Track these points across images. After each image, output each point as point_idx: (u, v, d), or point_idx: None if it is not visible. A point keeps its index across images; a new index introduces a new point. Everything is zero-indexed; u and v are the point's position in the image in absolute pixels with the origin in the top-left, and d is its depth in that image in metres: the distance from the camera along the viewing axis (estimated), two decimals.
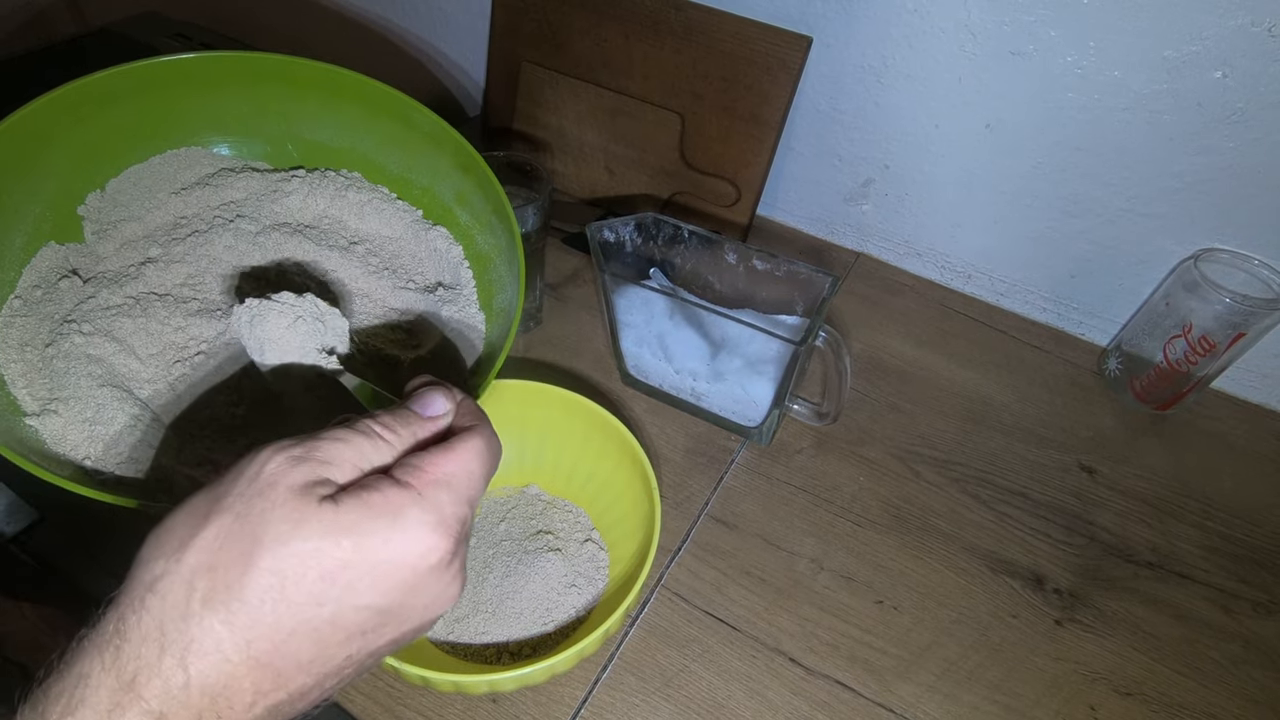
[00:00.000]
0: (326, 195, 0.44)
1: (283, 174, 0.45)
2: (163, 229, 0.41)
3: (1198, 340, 0.56)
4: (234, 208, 0.43)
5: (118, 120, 0.40)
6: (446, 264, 0.45)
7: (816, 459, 0.56)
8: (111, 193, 0.41)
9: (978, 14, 0.56)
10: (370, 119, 0.44)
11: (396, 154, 0.46)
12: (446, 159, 0.44)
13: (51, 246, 0.39)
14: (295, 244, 0.42)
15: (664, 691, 0.43)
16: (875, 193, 0.70)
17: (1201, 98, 0.52)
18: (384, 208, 0.45)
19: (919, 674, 0.45)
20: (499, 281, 0.44)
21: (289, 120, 0.45)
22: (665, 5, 0.65)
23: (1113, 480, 0.56)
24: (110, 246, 0.40)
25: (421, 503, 0.23)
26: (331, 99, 0.43)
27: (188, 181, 0.43)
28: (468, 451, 0.25)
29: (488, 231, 0.45)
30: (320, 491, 0.22)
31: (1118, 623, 0.48)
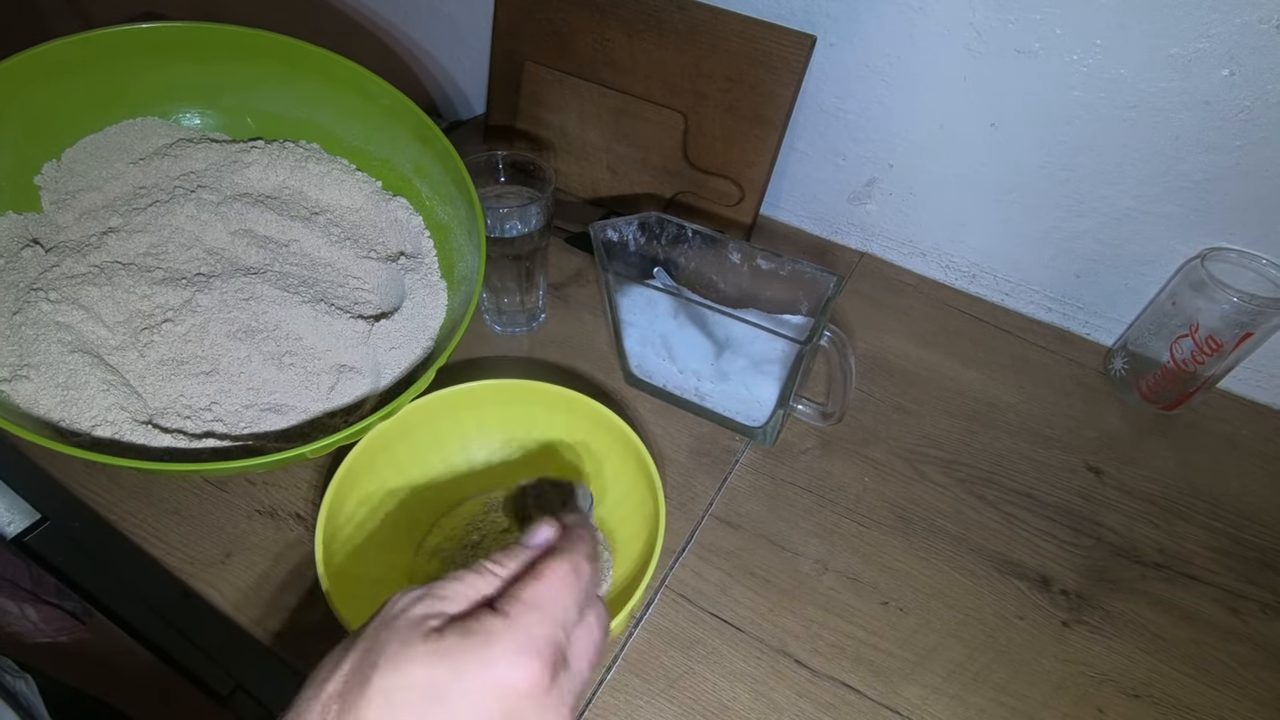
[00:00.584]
0: (286, 166, 0.44)
1: (241, 145, 0.45)
2: (122, 199, 0.42)
3: (1205, 340, 0.56)
4: (194, 178, 0.43)
5: (72, 90, 0.40)
6: (407, 233, 0.46)
7: (821, 459, 0.55)
8: (68, 162, 0.41)
9: (983, 12, 0.56)
10: (329, 91, 0.44)
11: (355, 126, 0.46)
12: (405, 131, 0.44)
13: (9, 216, 0.39)
14: (257, 214, 0.42)
15: (668, 693, 0.42)
16: (879, 192, 0.70)
17: (1209, 95, 0.52)
18: (344, 178, 0.46)
19: (925, 676, 0.44)
20: (459, 250, 0.44)
21: (246, 92, 0.45)
22: (669, 4, 0.65)
23: (1119, 481, 0.56)
24: (70, 216, 0.40)
25: (511, 627, 0.24)
26: (289, 71, 0.43)
27: (145, 152, 0.43)
28: (552, 574, 0.26)
29: (447, 202, 0.45)
30: (431, 624, 0.24)
31: (1125, 624, 0.48)
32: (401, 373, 0.40)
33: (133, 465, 0.34)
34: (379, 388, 0.41)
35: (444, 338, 0.41)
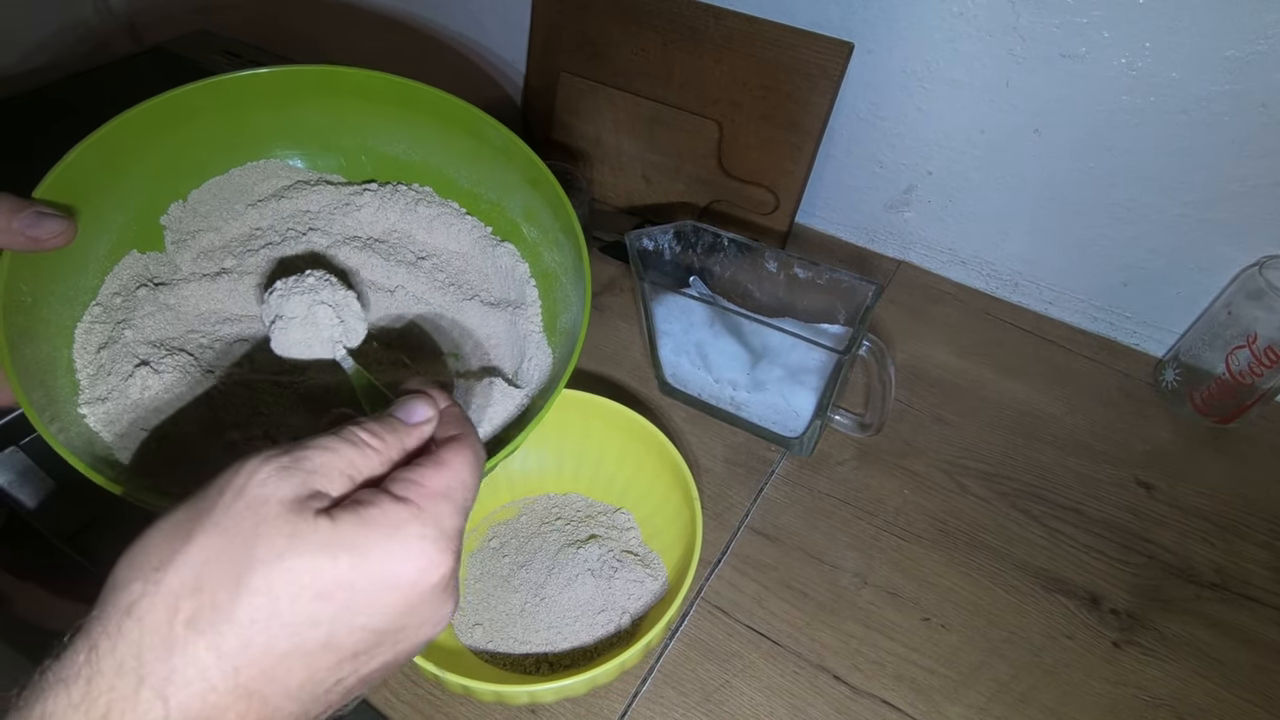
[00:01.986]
0: (397, 209, 0.44)
1: (355, 187, 0.45)
2: (238, 240, 0.42)
3: (1263, 351, 0.53)
4: (308, 219, 0.43)
5: (200, 133, 0.40)
6: (512, 281, 0.45)
7: (859, 471, 0.54)
8: (192, 203, 0.42)
9: (1027, 17, 0.55)
10: (442, 132, 0.44)
11: (467, 168, 0.45)
12: (516, 173, 0.44)
13: (134, 255, 0.40)
14: (364, 258, 0.42)
15: (704, 706, 0.42)
16: (917, 199, 0.69)
17: (1266, 98, 0.50)
18: (453, 222, 0.45)
19: (969, 695, 0.43)
20: (564, 300, 0.43)
21: (363, 133, 0.45)
22: (704, 14, 0.65)
23: (1172, 497, 0.54)
24: (188, 256, 0.41)
25: (421, 517, 0.22)
26: (406, 112, 0.44)
27: (264, 194, 0.43)
28: (460, 463, 0.24)
29: (554, 248, 0.44)
30: (314, 505, 0.21)
31: (1180, 646, 0.46)
32: (495, 429, 0.39)
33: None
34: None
35: (540, 395, 0.40)
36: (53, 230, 0.32)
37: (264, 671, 0.20)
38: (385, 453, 0.24)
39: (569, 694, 0.36)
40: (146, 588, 0.19)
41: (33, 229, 0.31)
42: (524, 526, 0.47)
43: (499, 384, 0.40)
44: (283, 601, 0.20)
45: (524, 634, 0.41)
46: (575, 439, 0.48)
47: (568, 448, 0.49)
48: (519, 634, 0.41)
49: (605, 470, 0.48)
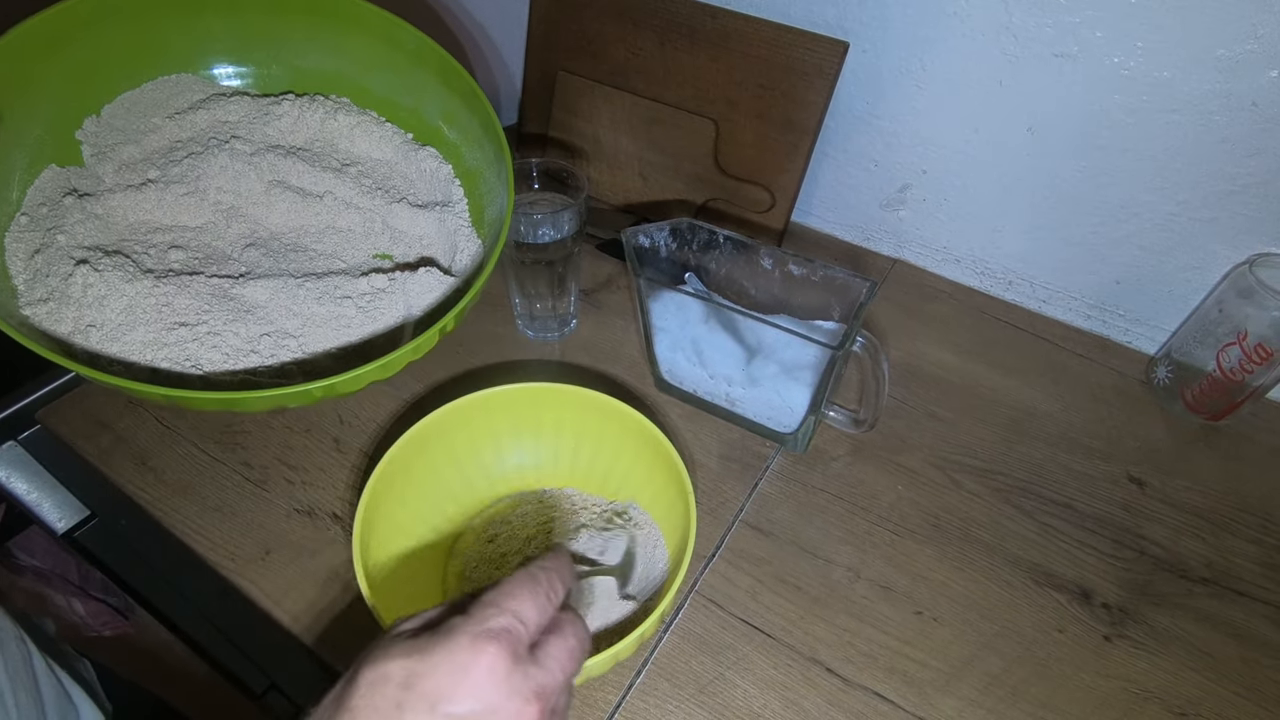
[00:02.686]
0: (317, 118, 0.45)
1: (272, 98, 0.46)
2: (159, 151, 0.43)
3: (1253, 348, 0.54)
4: (228, 129, 0.44)
5: (108, 44, 0.41)
6: (437, 182, 0.47)
7: (853, 467, 0.55)
8: (107, 117, 0.42)
9: (1020, 16, 0.55)
10: (355, 40, 0.45)
11: (382, 76, 0.46)
12: (431, 76, 0.45)
13: (53, 169, 0.40)
14: (289, 165, 0.43)
15: (698, 698, 0.42)
16: (912, 198, 0.69)
17: (1257, 97, 0.51)
18: (373, 130, 0.46)
19: (960, 688, 0.43)
20: (489, 194, 0.45)
21: (276, 45, 0.45)
22: (701, 13, 0.66)
23: (1163, 493, 0.55)
24: (109, 168, 0.42)
25: (469, 619, 0.27)
26: (316, 20, 0.44)
27: (181, 106, 0.44)
28: (510, 580, 0.29)
29: (475, 146, 0.46)
30: (408, 628, 0.28)
31: (1171, 640, 0.46)
32: (427, 308, 0.42)
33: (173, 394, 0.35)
34: (412, 316, 0.43)
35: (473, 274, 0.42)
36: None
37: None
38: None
39: None
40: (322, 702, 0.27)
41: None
42: (521, 518, 0.47)
43: (434, 271, 0.43)
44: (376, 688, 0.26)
45: None
46: (571, 434, 0.48)
47: (563, 443, 0.49)
48: None
49: (601, 465, 0.49)
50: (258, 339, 0.43)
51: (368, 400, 0.55)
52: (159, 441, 0.53)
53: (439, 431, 0.44)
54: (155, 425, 0.53)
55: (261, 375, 0.43)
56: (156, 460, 0.51)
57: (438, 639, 0.26)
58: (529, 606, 0.28)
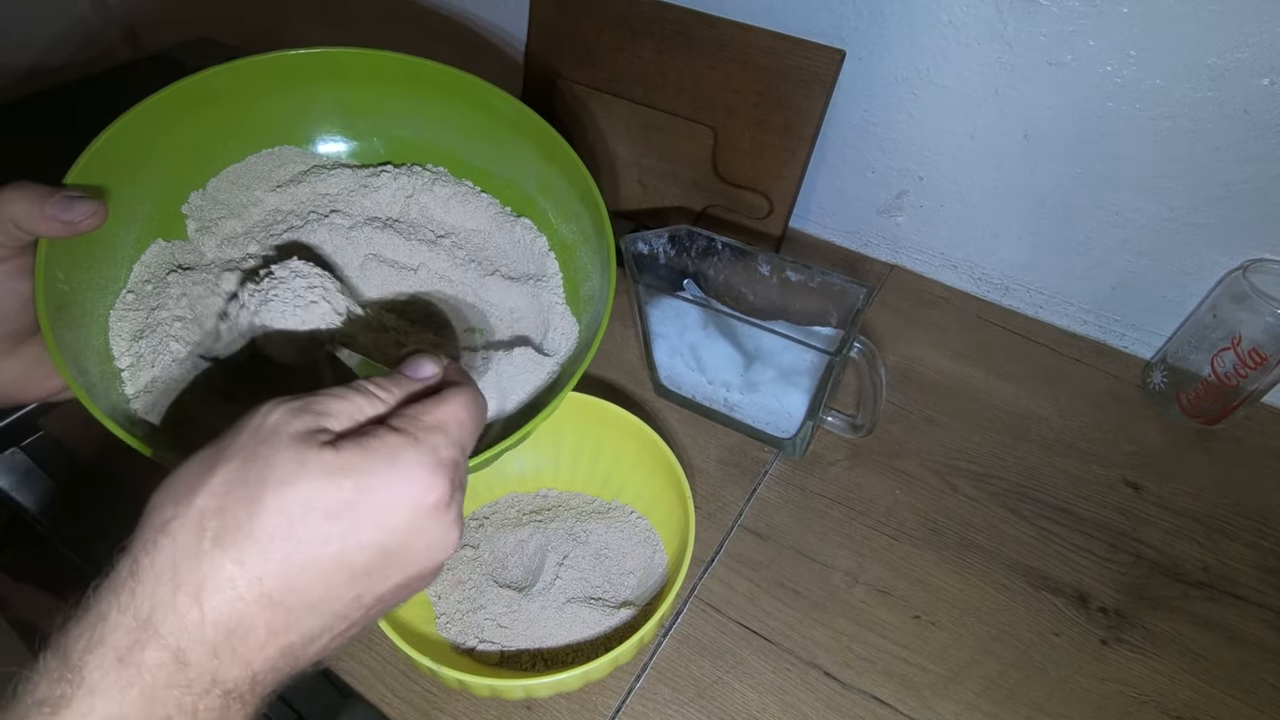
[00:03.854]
0: (414, 189, 0.45)
1: (371, 170, 0.45)
2: (261, 225, 0.43)
3: (1247, 353, 0.54)
4: (328, 202, 0.44)
5: (215, 120, 0.41)
6: (532, 254, 0.45)
7: (851, 471, 0.55)
8: (212, 191, 0.42)
9: (1014, 25, 0.56)
10: (452, 109, 0.45)
11: (480, 145, 0.46)
12: (530, 146, 0.44)
13: (159, 243, 0.40)
14: (385, 238, 0.43)
15: (697, 703, 0.42)
16: (909, 204, 0.70)
17: (1248, 105, 0.51)
18: (469, 200, 0.46)
19: (958, 692, 0.44)
20: (584, 270, 0.44)
21: (375, 115, 0.45)
22: (698, 21, 0.66)
23: (1160, 497, 0.55)
24: (212, 242, 0.42)
25: (417, 445, 0.24)
26: (415, 90, 0.44)
27: (282, 179, 0.44)
28: (456, 401, 0.26)
29: (571, 220, 0.45)
30: (321, 438, 0.23)
31: (1167, 643, 0.47)
32: (529, 396, 0.40)
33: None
34: (505, 411, 0.40)
35: (570, 362, 0.41)
36: (85, 211, 0.33)
37: (284, 583, 0.22)
38: (389, 400, 0.26)
39: (564, 689, 0.37)
40: (178, 510, 0.22)
41: (65, 213, 0.32)
42: (517, 524, 0.47)
43: (529, 352, 0.41)
44: (295, 520, 0.22)
45: (520, 630, 0.42)
46: (571, 439, 0.49)
47: (564, 448, 0.49)
48: (515, 629, 0.42)
49: (600, 470, 0.49)
50: None
51: None
52: None
53: None
54: None
55: None
56: (160, 468, 0.52)
57: (374, 460, 0.23)
58: (471, 435, 0.26)
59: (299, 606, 0.22)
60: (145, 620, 0.21)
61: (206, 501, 0.22)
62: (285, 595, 0.22)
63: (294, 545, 0.22)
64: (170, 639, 0.21)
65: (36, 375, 0.36)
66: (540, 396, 0.40)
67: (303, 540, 0.22)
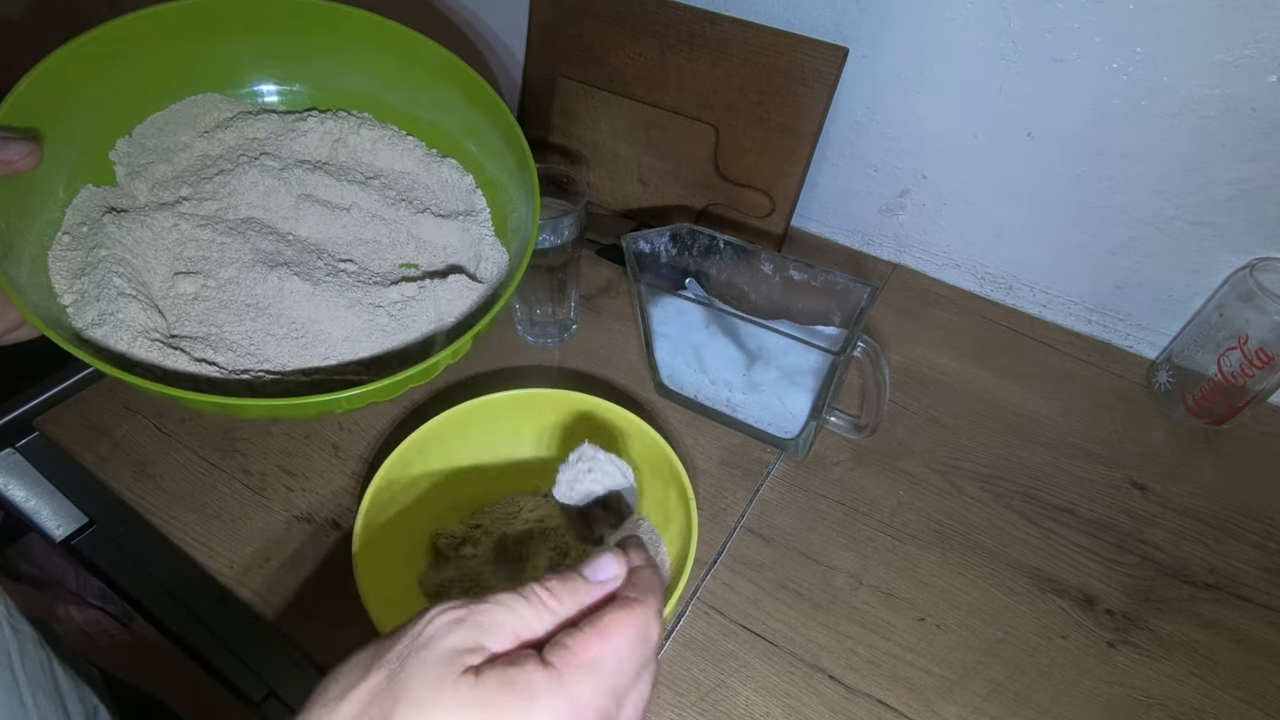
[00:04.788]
0: (340, 133, 0.47)
1: (297, 115, 0.47)
2: (191, 169, 0.44)
3: (1254, 353, 0.54)
4: (256, 145, 0.45)
5: (136, 68, 0.42)
6: (459, 192, 0.48)
7: (854, 472, 0.55)
8: (138, 137, 0.44)
9: (1019, 22, 0.55)
10: (378, 56, 0.46)
11: (404, 91, 0.48)
12: (453, 90, 0.46)
13: (89, 189, 0.42)
14: (316, 179, 0.45)
15: (699, 706, 0.42)
16: (912, 203, 0.69)
17: (1256, 102, 0.51)
18: (395, 143, 0.48)
19: (963, 695, 0.43)
20: (511, 203, 0.46)
21: (299, 62, 0.47)
22: (700, 19, 0.66)
23: (1166, 498, 0.54)
24: (143, 186, 0.43)
25: (560, 690, 0.22)
26: (339, 39, 0.45)
27: (209, 125, 0.45)
28: (621, 635, 0.24)
29: (496, 157, 0.47)
30: (468, 660, 0.22)
31: (1174, 646, 0.46)
32: (460, 317, 0.43)
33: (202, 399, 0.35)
34: (443, 328, 0.43)
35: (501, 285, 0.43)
36: (20, 151, 0.33)
37: None
38: (559, 612, 0.24)
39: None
40: (323, 713, 0.21)
41: (2, 152, 0.32)
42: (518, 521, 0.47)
43: (463, 279, 0.43)
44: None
45: None
46: (573, 439, 0.48)
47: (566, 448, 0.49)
48: None
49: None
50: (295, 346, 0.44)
51: (366, 407, 0.55)
52: (158, 449, 0.52)
53: (439, 437, 0.44)
54: (154, 432, 0.53)
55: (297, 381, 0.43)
56: (155, 467, 0.51)
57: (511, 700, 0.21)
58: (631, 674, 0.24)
59: None
60: None
61: (348, 710, 0.21)
62: None
63: None
64: None
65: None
66: (474, 315, 0.42)
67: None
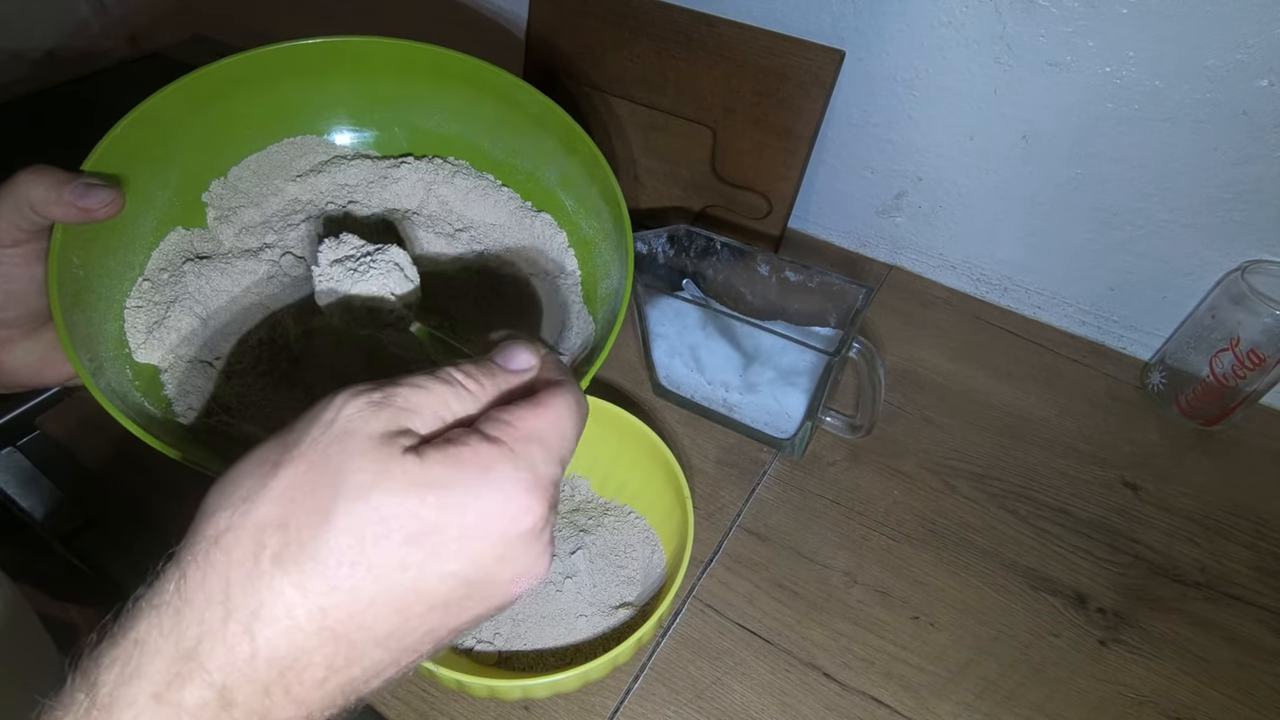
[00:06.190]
0: (435, 182, 0.44)
1: (392, 160, 0.45)
2: (279, 215, 0.42)
3: (1246, 354, 0.54)
4: (346, 192, 0.43)
5: (237, 108, 0.41)
6: (551, 249, 0.45)
7: (850, 472, 0.55)
8: (233, 180, 0.42)
9: (1013, 26, 0.56)
10: (477, 102, 0.44)
11: (503, 138, 0.45)
12: (552, 140, 0.44)
13: (178, 231, 0.40)
14: (404, 229, 0.42)
15: (695, 703, 0.42)
16: (908, 205, 0.70)
17: (1247, 106, 0.51)
18: (490, 193, 0.45)
19: (957, 692, 0.44)
20: (604, 267, 0.43)
21: (397, 106, 0.45)
22: (698, 21, 0.66)
23: (1158, 497, 0.55)
24: (230, 231, 0.41)
25: (514, 459, 0.20)
26: (439, 81, 0.44)
27: (302, 169, 0.43)
28: (559, 407, 0.23)
29: (592, 216, 0.44)
30: (403, 442, 0.20)
31: (1165, 645, 0.47)
32: None
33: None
34: None
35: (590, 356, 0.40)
36: (102, 200, 0.32)
37: (351, 616, 0.19)
38: (480, 396, 0.23)
39: (562, 689, 0.37)
40: (234, 519, 0.19)
41: (83, 199, 0.32)
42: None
43: None
44: (369, 543, 0.19)
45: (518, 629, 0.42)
46: None
47: None
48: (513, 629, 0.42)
49: (600, 470, 0.49)
50: None
51: None
52: None
53: None
54: None
55: None
56: (155, 466, 0.51)
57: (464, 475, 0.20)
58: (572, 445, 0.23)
59: (365, 641, 0.19)
60: (189, 651, 0.18)
61: (268, 511, 0.19)
62: (351, 629, 0.19)
63: (365, 572, 0.19)
64: (216, 675, 0.18)
65: (54, 359, 0.35)
66: None
67: (376, 566, 0.19)
